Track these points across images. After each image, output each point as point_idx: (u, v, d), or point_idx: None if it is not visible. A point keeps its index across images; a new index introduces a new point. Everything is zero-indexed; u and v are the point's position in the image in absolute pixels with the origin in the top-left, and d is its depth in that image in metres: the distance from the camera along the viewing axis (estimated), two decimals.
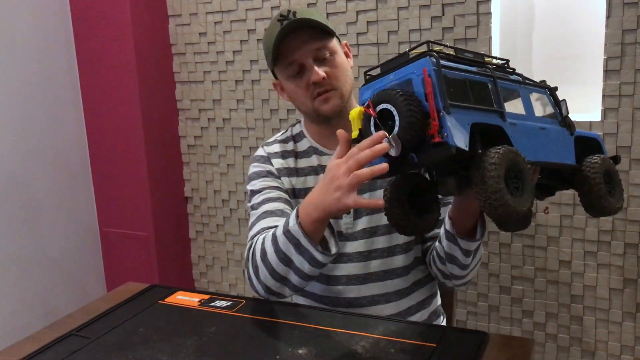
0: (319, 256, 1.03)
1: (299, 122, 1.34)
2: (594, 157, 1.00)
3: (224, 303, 1.18)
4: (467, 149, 0.82)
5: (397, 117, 0.83)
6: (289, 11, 1.17)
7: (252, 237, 1.17)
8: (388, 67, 0.92)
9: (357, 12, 1.90)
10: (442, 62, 0.85)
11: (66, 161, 2.27)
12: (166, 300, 1.21)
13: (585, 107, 1.77)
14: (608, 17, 1.60)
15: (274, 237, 1.07)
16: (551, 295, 1.82)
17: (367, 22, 1.90)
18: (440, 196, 1.03)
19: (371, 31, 1.90)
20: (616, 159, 1.06)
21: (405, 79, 0.87)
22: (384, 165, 0.87)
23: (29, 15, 2.11)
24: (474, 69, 0.91)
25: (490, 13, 1.73)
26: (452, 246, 1.11)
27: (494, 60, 0.99)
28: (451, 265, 1.15)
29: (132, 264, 2.34)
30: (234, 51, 2.13)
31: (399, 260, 1.25)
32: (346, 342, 0.99)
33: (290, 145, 1.31)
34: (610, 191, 1.00)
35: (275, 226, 1.11)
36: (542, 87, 1.02)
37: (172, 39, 2.25)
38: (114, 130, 2.25)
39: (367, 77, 0.96)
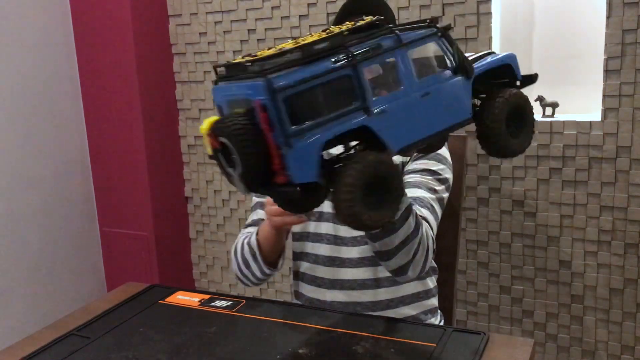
0: (265, 269, 1.25)
1: None
2: (499, 95, 0.88)
3: (224, 303, 1.18)
4: (316, 179, 0.75)
5: (236, 158, 0.74)
6: None
7: (245, 227, 1.37)
8: (232, 71, 0.81)
9: None
10: (283, 79, 0.73)
11: (66, 161, 2.27)
12: (166, 300, 1.21)
13: (586, 107, 1.77)
14: (608, 17, 1.59)
15: (242, 245, 1.28)
16: (551, 295, 1.82)
17: None
18: None
19: None
20: (531, 78, 0.94)
21: (243, 98, 0.76)
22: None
23: (29, 15, 2.11)
24: (329, 63, 0.76)
25: (490, 13, 1.73)
26: None
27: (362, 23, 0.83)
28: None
29: (132, 264, 2.34)
30: (234, 51, 2.13)
31: None
32: (346, 342, 0.99)
33: None
34: (515, 131, 0.90)
35: (262, 220, 1.29)
36: (430, 34, 0.85)
37: (172, 39, 2.25)
38: (114, 130, 2.25)
39: (217, 73, 0.83)
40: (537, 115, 1.76)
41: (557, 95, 1.78)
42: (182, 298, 1.22)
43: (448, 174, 1.29)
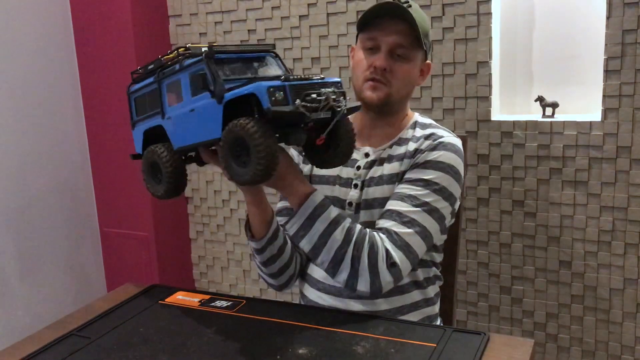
0: (252, 244, 1.23)
1: None
2: (229, 124, 0.93)
3: (224, 303, 1.18)
4: (140, 152, 1.16)
5: None
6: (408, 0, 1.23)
7: None
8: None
9: (358, 12, 1.90)
10: (133, 86, 1.15)
11: (66, 161, 2.27)
12: (166, 300, 1.21)
13: (586, 107, 1.77)
14: (608, 17, 1.59)
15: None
16: (551, 295, 1.82)
17: None
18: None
19: None
20: (282, 116, 0.89)
21: None
22: None
23: (29, 15, 2.11)
24: (152, 78, 1.09)
25: (490, 13, 1.73)
26: None
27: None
28: None
29: (132, 264, 2.34)
30: None
31: None
32: (346, 342, 0.99)
33: None
34: (246, 160, 0.92)
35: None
36: (198, 61, 0.98)
37: (172, 39, 2.25)
38: (114, 130, 2.25)
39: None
40: (537, 115, 1.77)
41: (557, 95, 1.78)
42: (182, 298, 1.22)
43: (447, 182, 1.20)
